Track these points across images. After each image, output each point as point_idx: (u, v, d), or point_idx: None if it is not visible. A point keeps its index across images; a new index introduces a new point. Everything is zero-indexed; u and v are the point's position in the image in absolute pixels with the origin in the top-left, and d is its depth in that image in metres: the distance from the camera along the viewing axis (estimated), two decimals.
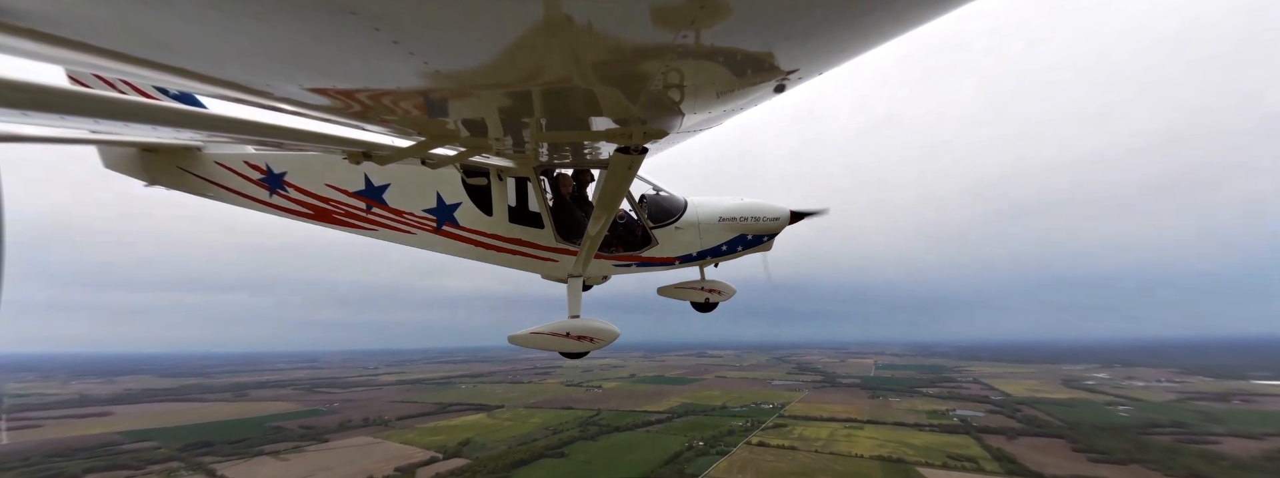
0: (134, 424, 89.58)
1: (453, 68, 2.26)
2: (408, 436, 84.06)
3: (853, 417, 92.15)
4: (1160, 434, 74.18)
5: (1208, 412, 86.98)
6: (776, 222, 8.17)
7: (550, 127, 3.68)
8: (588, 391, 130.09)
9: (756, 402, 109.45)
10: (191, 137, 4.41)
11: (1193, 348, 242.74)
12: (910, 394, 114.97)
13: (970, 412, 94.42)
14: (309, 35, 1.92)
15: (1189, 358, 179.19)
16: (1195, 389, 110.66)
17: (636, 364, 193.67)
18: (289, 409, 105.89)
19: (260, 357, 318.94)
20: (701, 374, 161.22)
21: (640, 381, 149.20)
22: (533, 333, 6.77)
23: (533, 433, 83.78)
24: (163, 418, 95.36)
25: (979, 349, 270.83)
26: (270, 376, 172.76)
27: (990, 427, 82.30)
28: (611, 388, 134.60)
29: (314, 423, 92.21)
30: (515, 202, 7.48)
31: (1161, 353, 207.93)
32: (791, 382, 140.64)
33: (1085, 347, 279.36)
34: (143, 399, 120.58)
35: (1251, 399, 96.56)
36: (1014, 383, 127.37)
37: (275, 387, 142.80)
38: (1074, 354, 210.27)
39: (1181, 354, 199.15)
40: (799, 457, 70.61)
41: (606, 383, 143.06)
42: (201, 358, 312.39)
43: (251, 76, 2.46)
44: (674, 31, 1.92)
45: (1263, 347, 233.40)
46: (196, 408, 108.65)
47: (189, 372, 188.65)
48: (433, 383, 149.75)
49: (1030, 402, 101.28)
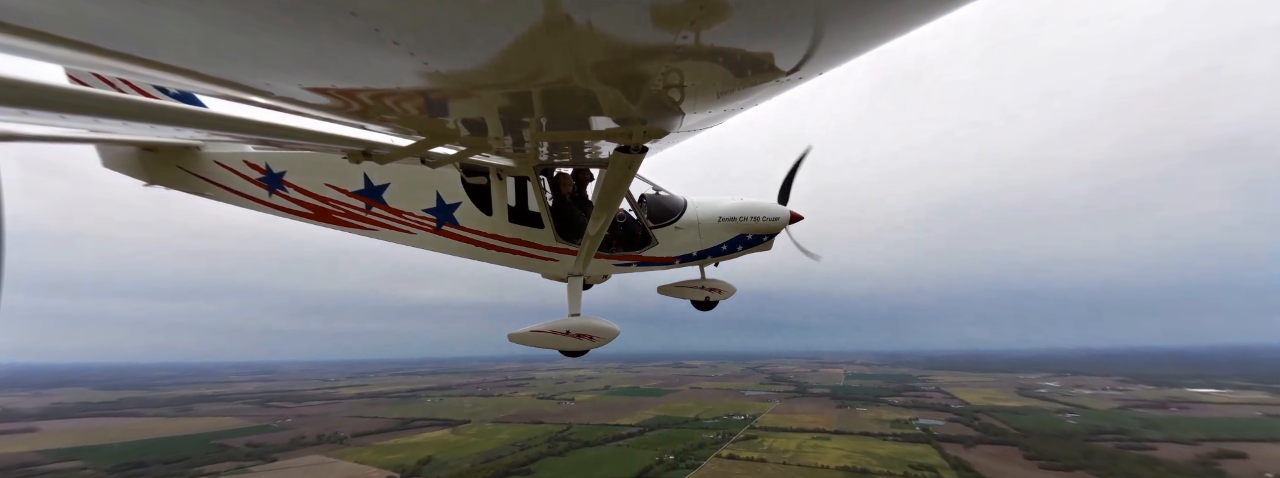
0: (60, 442, 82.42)
1: (453, 68, 2.28)
2: (364, 454, 79.96)
3: (821, 427, 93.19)
4: (1104, 441, 77.64)
5: (1147, 418, 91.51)
6: (776, 221, 8.24)
7: (550, 126, 3.70)
8: (559, 404, 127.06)
9: (729, 413, 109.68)
10: (191, 136, 4.31)
11: (1135, 357, 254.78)
12: (877, 404, 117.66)
13: (932, 420, 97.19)
14: (310, 35, 1.93)
15: (1132, 367, 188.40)
16: (1137, 397, 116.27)
17: (612, 376, 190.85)
18: (237, 426, 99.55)
19: (209, 368, 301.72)
20: (677, 385, 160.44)
21: (614, 393, 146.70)
22: (533, 331, 6.73)
23: (498, 450, 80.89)
24: (94, 435, 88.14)
25: (943, 359, 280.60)
26: (219, 388, 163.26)
27: (950, 435, 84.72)
28: (584, 401, 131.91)
29: (262, 441, 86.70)
30: (515, 201, 7.47)
31: (1107, 362, 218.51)
32: (764, 392, 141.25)
33: (1040, 356, 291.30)
34: (74, 414, 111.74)
35: (1187, 406, 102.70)
36: (973, 392, 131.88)
37: (224, 401, 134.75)
38: (1029, 364, 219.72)
39: (1125, 363, 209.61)
40: (767, 469, 70.77)
41: (579, 396, 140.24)
42: (144, 369, 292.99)
43: (251, 76, 2.46)
44: (674, 32, 1.93)
45: (1198, 357, 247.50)
46: (134, 424, 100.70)
47: (129, 384, 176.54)
48: (396, 397, 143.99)
49: (987, 410, 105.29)
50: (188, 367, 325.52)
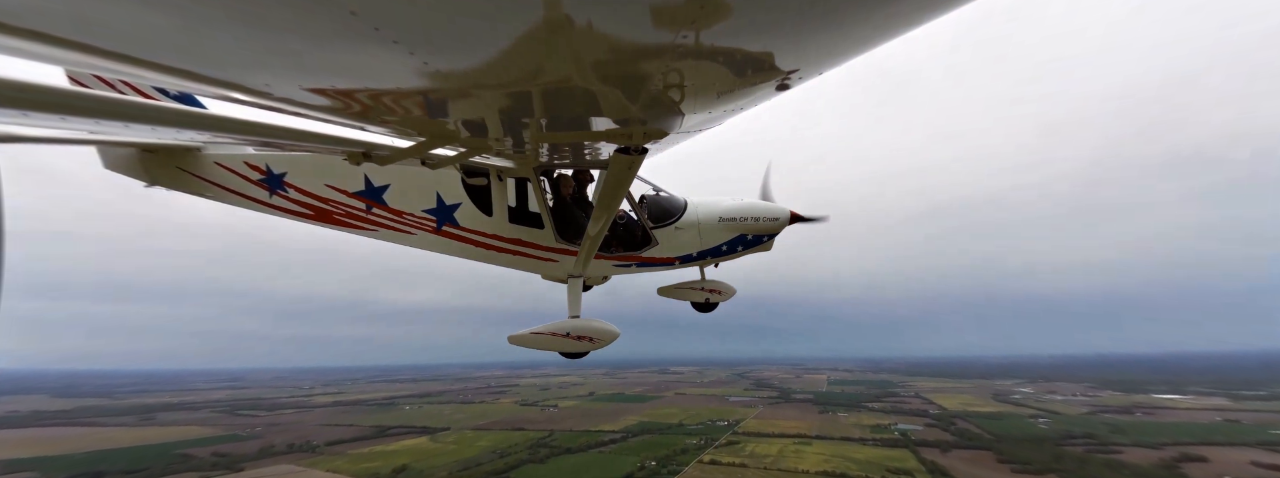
0: (13, 452, 78.20)
1: (453, 68, 2.28)
2: (336, 463, 77.52)
3: (803, 432, 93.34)
4: (1073, 445, 79.89)
5: (1114, 423, 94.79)
6: (776, 222, 8.21)
7: (550, 127, 3.71)
8: (542, 410, 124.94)
9: (712, 419, 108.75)
10: (191, 137, 4.29)
11: (1104, 364, 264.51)
12: (858, 409, 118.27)
13: (910, 425, 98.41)
14: (309, 35, 1.93)
15: (1100, 374, 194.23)
16: (1104, 403, 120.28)
17: (597, 382, 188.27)
18: (203, 435, 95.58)
19: (175, 375, 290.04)
20: (662, 391, 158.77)
21: (599, 399, 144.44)
22: (533, 333, 6.73)
23: (478, 457, 79.29)
24: (49, 445, 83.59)
25: (923, 365, 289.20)
26: (185, 396, 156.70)
27: (927, 440, 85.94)
28: (568, 407, 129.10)
29: (230, 450, 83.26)
30: (515, 202, 7.48)
31: (1077, 369, 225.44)
32: (748, 398, 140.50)
33: (1014, 363, 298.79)
34: (29, 423, 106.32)
35: (1152, 412, 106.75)
36: (950, 397, 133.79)
37: (189, 409, 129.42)
38: (1004, 370, 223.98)
39: (1094, 370, 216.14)
40: (749, 474, 70.89)
41: (563, 402, 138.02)
42: (105, 376, 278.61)
43: (251, 77, 2.45)
44: (674, 32, 1.93)
45: (1162, 363, 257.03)
46: (92, 433, 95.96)
47: (89, 391, 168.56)
48: (373, 404, 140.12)
49: (963, 415, 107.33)
50: (149, 374, 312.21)
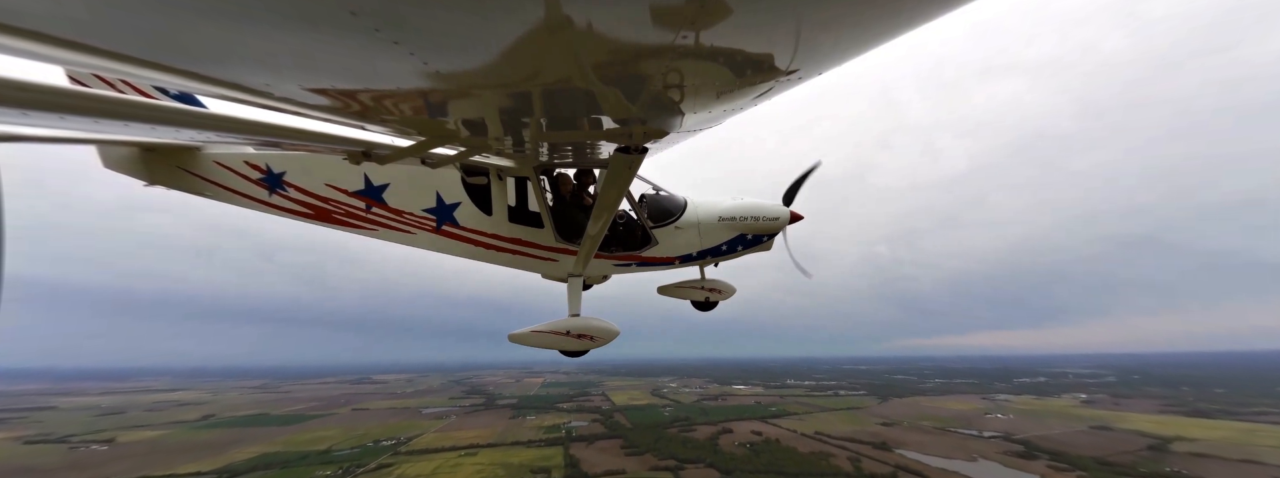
0: None
1: (453, 68, 2.27)
2: None
3: (476, 442, 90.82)
4: (674, 427, 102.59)
5: (704, 408, 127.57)
6: (776, 221, 8.25)
7: (550, 126, 3.70)
8: (72, 451, 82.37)
9: (380, 438, 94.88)
10: (192, 137, 4.38)
11: (733, 364, 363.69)
12: (548, 411, 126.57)
13: (580, 422, 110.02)
14: (309, 35, 1.92)
15: (721, 372, 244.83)
16: (707, 392, 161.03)
17: (231, 399, 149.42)
18: None
19: None
20: (334, 408, 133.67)
21: (212, 425, 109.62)
22: (533, 331, 6.76)
23: None
24: None
25: (624, 366, 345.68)
26: None
27: (585, 435, 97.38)
28: (134, 442, 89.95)
29: None
30: (515, 201, 7.50)
31: (707, 369, 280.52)
32: (445, 408, 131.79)
33: (687, 364, 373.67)
34: None
35: (725, 399, 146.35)
36: (623, 394, 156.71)
37: None
38: (677, 370, 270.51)
39: (719, 370, 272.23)
40: None
41: (138, 433, 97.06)
42: None
43: (251, 76, 2.44)
44: (674, 31, 1.93)
45: (750, 365, 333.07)
46: None
47: None
48: None
49: (622, 409, 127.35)
50: None
